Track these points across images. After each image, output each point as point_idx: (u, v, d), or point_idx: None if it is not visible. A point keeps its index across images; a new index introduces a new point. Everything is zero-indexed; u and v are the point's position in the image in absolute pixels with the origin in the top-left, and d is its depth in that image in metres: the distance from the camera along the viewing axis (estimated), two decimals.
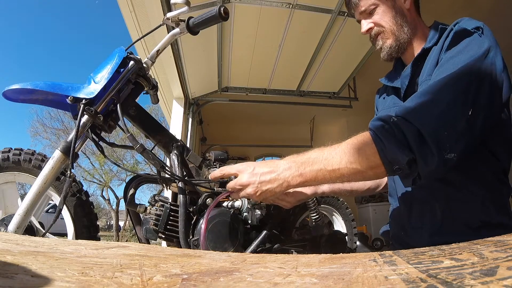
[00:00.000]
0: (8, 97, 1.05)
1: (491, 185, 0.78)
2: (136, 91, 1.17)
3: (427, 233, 0.82)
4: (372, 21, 0.94)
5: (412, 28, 0.93)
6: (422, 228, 0.84)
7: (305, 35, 3.10)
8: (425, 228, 0.83)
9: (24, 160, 1.25)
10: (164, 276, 0.37)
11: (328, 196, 1.69)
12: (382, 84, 1.08)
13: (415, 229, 0.86)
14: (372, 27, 0.95)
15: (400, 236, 0.93)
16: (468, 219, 0.77)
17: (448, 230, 0.79)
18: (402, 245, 0.90)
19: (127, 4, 2.49)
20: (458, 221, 0.78)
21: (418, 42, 0.94)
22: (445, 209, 0.80)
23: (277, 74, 3.85)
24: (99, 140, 1.10)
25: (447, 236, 0.77)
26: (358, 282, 0.31)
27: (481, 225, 0.75)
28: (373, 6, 0.93)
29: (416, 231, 0.85)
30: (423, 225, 0.84)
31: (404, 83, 0.91)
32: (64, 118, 13.68)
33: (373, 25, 0.94)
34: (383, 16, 0.93)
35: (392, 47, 0.93)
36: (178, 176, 1.11)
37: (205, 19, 1.11)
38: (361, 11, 0.95)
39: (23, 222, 0.98)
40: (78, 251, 0.52)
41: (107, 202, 14.97)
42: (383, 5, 0.93)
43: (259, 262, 0.47)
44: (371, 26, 0.94)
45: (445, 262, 0.33)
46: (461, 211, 0.78)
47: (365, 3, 0.94)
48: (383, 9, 0.93)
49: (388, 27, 0.93)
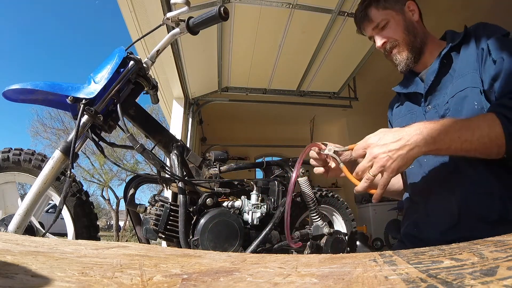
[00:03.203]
0: (8, 97, 1.05)
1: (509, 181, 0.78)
2: (136, 91, 1.17)
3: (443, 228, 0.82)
4: (385, 35, 0.97)
5: (423, 38, 0.96)
6: (438, 223, 0.84)
7: (305, 35, 3.11)
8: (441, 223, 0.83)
9: (24, 160, 1.25)
10: (164, 276, 0.37)
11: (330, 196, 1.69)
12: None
13: (430, 224, 0.86)
14: (386, 41, 0.97)
15: (412, 233, 0.93)
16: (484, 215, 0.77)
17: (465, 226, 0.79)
18: (413, 242, 0.90)
19: (127, 4, 2.49)
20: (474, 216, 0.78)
21: (429, 51, 0.97)
22: (462, 205, 0.80)
23: (277, 74, 3.85)
24: (99, 140, 1.10)
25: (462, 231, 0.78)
26: (358, 282, 0.31)
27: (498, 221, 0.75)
28: (385, 21, 0.96)
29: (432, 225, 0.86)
30: (438, 220, 0.84)
31: (429, 79, 0.92)
32: (64, 118, 13.68)
33: (386, 39, 0.97)
34: (395, 29, 0.96)
35: (409, 59, 0.96)
36: (178, 176, 1.11)
37: (205, 19, 1.11)
38: (374, 27, 0.98)
39: (23, 222, 0.98)
40: (78, 251, 0.52)
41: (107, 202, 14.96)
42: (395, 19, 0.96)
43: (259, 262, 0.47)
44: (385, 40, 0.97)
45: (445, 262, 0.33)
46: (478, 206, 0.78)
47: (377, 18, 0.96)
48: (395, 23, 0.96)
49: (402, 40, 0.96)
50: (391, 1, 0.97)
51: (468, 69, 0.85)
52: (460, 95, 0.84)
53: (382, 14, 0.96)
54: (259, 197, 1.27)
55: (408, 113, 1.00)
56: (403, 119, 1.02)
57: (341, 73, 3.96)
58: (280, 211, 1.26)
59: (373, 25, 0.98)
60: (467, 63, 0.86)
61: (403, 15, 0.96)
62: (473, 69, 0.84)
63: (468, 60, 0.86)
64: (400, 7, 0.97)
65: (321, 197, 1.64)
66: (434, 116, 0.89)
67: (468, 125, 0.72)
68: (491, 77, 0.79)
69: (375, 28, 0.98)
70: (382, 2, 0.97)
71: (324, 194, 1.67)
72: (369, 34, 1.02)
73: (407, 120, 0.99)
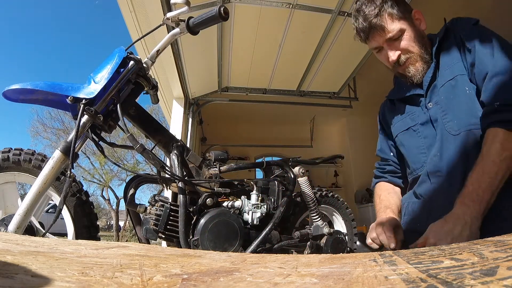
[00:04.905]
0: (8, 97, 1.05)
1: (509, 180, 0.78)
2: (136, 91, 1.17)
3: None
4: (400, 47, 0.91)
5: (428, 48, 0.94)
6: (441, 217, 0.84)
7: (305, 35, 3.10)
8: None
9: (24, 160, 1.25)
10: (164, 276, 0.37)
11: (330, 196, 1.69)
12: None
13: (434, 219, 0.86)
14: (400, 54, 0.91)
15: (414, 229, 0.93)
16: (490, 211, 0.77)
17: None
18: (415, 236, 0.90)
19: (127, 4, 2.49)
20: None
21: None
22: None
23: (277, 74, 3.85)
24: (99, 140, 1.10)
25: None
26: (358, 282, 0.31)
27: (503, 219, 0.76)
28: (401, 33, 0.90)
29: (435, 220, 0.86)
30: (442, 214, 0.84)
31: (428, 77, 0.93)
32: (64, 118, 13.67)
33: (400, 52, 0.91)
34: (410, 41, 0.90)
35: (424, 69, 0.93)
36: (178, 176, 1.11)
37: (205, 19, 1.11)
38: (388, 38, 0.90)
39: (23, 222, 0.98)
40: (78, 251, 0.52)
41: (107, 202, 14.95)
42: (410, 30, 0.91)
43: (259, 262, 0.47)
44: (400, 53, 0.91)
45: (445, 262, 0.33)
46: None
47: (393, 29, 0.89)
48: (410, 34, 0.90)
49: (416, 52, 0.91)
50: (403, 9, 0.92)
51: (453, 60, 0.88)
52: (450, 83, 0.87)
53: (397, 25, 0.90)
54: (259, 197, 1.27)
55: (407, 115, 1.00)
56: (404, 121, 1.02)
57: (341, 73, 3.96)
58: (280, 211, 1.26)
59: (385, 36, 0.90)
60: (451, 55, 0.89)
61: (415, 26, 0.92)
62: (457, 59, 0.88)
63: (451, 52, 0.89)
64: (409, 16, 0.93)
65: (321, 197, 1.64)
66: (438, 111, 0.90)
67: (483, 162, 0.76)
68: (470, 64, 0.85)
69: (388, 40, 0.91)
70: (397, 10, 0.90)
71: (324, 194, 1.67)
72: (377, 45, 0.94)
73: (408, 122, 1.00)
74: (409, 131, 0.99)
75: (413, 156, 0.99)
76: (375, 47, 0.96)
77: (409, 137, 1.00)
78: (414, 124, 0.97)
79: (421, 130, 0.95)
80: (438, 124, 0.90)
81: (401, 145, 1.04)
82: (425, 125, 0.94)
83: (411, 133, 0.99)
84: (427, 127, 0.94)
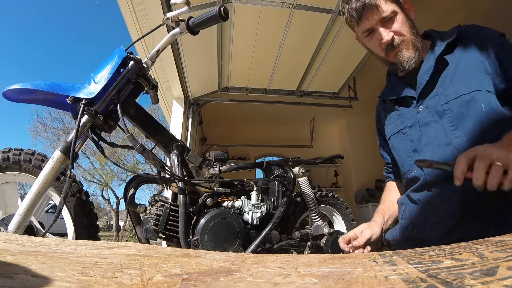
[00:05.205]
0: (8, 97, 1.05)
1: None
2: (136, 91, 1.17)
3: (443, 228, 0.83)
4: (392, 29, 0.89)
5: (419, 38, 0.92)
6: (439, 223, 0.84)
7: (305, 35, 3.10)
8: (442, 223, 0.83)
9: (24, 160, 1.25)
10: (164, 276, 0.37)
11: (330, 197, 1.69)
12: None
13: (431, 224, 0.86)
14: (393, 36, 0.89)
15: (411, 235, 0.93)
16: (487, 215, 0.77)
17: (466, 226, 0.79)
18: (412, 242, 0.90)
19: (127, 4, 2.49)
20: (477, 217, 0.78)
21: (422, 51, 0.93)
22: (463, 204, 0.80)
23: (277, 74, 3.85)
24: (99, 140, 1.10)
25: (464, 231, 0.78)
26: (358, 282, 0.31)
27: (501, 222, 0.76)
28: (394, 14, 0.88)
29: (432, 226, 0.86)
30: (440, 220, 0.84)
31: (423, 79, 0.89)
32: (64, 118, 13.66)
33: (393, 34, 0.89)
34: (402, 25, 0.89)
35: (417, 57, 0.90)
36: (178, 176, 1.11)
37: (205, 19, 1.11)
38: (382, 17, 0.88)
39: (23, 222, 0.98)
40: (78, 251, 0.52)
41: (107, 202, 14.95)
42: (402, 15, 0.90)
43: (259, 262, 0.47)
44: (393, 34, 0.89)
45: (445, 262, 0.33)
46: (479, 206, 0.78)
47: (388, 9, 0.88)
48: (402, 18, 0.89)
49: (409, 37, 0.90)
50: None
51: (472, 73, 0.83)
52: (464, 98, 0.83)
53: (390, 6, 0.89)
54: (259, 197, 1.28)
55: (398, 118, 0.98)
56: (395, 124, 1.00)
57: (341, 73, 3.96)
58: (280, 211, 1.26)
59: (380, 15, 0.88)
60: (469, 67, 0.84)
61: (405, 12, 0.91)
62: (479, 73, 0.83)
63: (470, 64, 0.84)
64: (400, 3, 0.92)
65: (321, 197, 1.64)
66: (427, 116, 0.89)
67: None
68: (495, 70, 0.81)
69: (381, 20, 0.88)
70: None
71: (324, 194, 1.67)
72: (370, 26, 0.90)
73: (398, 125, 0.98)
74: (399, 134, 0.98)
75: (402, 160, 0.98)
76: (367, 28, 0.92)
77: (400, 140, 0.99)
78: (404, 127, 0.96)
79: (410, 132, 0.94)
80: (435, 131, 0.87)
81: (393, 148, 1.03)
82: (413, 128, 0.93)
83: (401, 136, 0.97)
84: (414, 129, 0.92)
